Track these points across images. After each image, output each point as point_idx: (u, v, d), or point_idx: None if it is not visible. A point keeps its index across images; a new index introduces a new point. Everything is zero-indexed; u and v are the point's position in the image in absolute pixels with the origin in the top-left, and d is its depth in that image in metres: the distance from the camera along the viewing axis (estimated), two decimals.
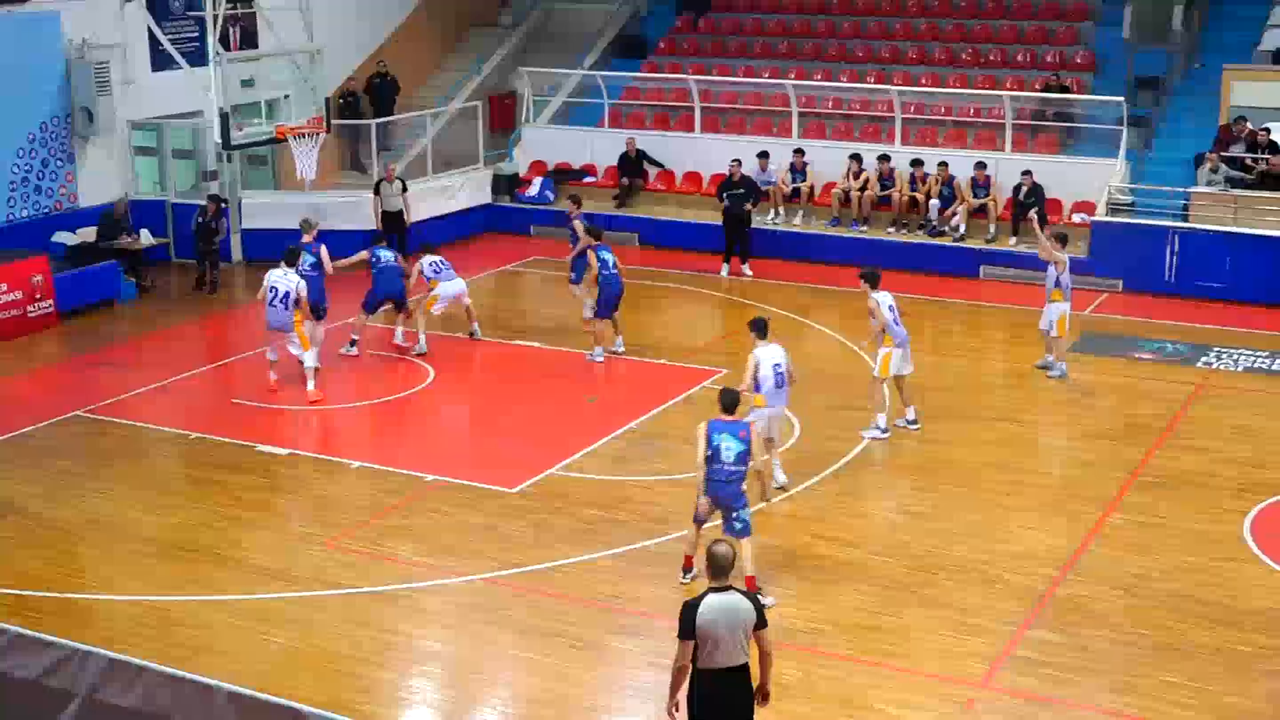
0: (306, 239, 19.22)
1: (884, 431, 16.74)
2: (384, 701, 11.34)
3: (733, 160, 25.08)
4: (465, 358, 20.33)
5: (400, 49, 30.77)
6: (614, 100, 29.82)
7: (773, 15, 31.41)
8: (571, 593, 12.93)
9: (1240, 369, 19.45)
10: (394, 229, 23.81)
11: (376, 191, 24.85)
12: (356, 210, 25.31)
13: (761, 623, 8.92)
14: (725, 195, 24.78)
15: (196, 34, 25.39)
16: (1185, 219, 23.69)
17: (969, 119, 27.01)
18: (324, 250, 19.10)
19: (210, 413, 18.00)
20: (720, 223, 25.05)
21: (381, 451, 16.50)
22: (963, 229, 24.97)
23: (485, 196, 28.49)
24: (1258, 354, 20.03)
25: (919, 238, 25.45)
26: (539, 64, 30.70)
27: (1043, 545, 13.84)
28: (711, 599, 8.84)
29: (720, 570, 8.91)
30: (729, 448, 12.14)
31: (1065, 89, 26.56)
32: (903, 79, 27.97)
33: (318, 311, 18.79)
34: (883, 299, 16.56)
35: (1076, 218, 24.62)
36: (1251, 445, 16.54)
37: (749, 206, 24.84)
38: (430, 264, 20.10)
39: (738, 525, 12.34)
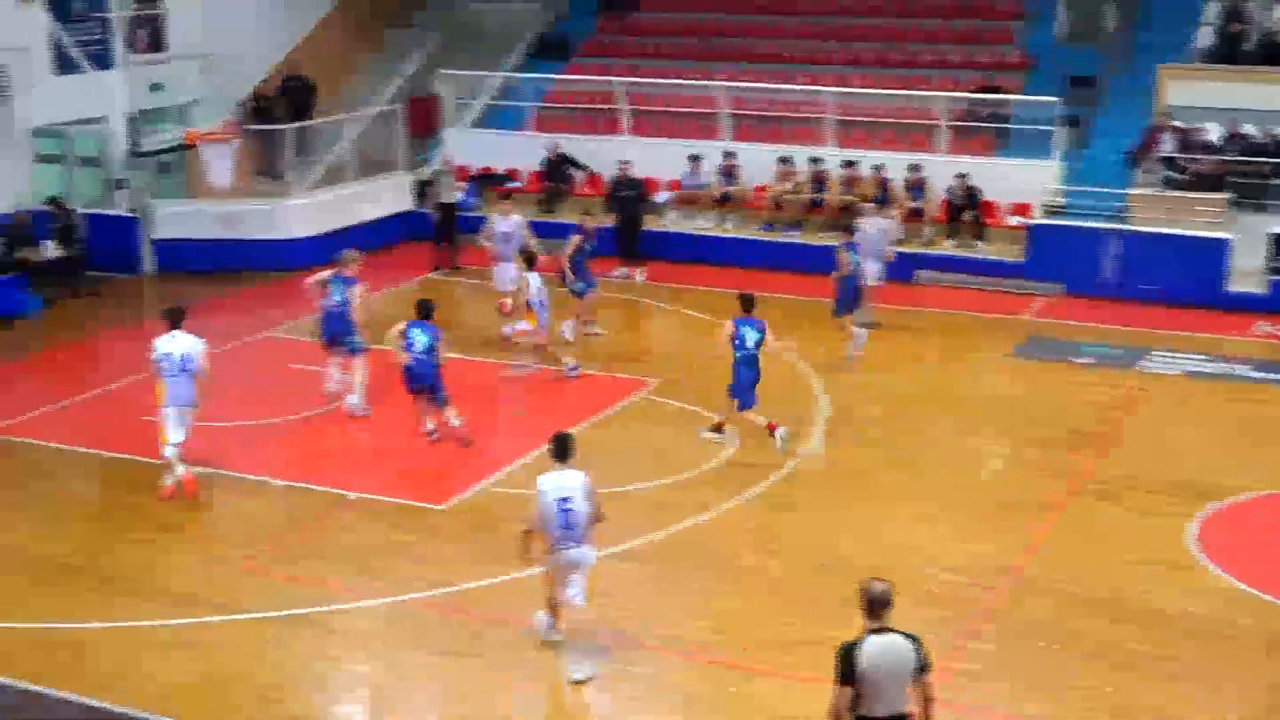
0: (349, 272, 18.04)
1: None
2: None
3: (621, 161, 25.10)
4: (385, 370, 20.10)
5: (314, 52, 30.36)
6: (537, 103, 29.69)
7: (700, 15, 31.37)
8: (494, 612, 12.78)
9: (1179, 372, 19.74)
10: (449, 219, 25.62)
11: (432, 183, 26.20)
12: (270, 219, 25.13)
13: (925, 667, 8.52)
14: (616, 196, 24.73)
15: (101, 36, 25.06)
16: (1120, 219, 24.01)
17: (901, 120, 27.00)
18: (357, 289, 18.00)
19: (124, 431, 17.55)
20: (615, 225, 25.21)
21: (303, 468, 16.33)
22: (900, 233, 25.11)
23: (406, 203, 28.29)
24: (1194, 357, 20.35)
25: None
26: (457, 66, 30.34)
27: (985, 553, 13.99)
28: (873, 640, 8.45)
29: (878, 607, 8.48)
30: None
31: (998, 89, 26.81)
32: (834, 80, 27.95)
33: (351, 346, 18.11)
34: None
35: (1013, 220, 24.88)
36: (1192, 450, 16.77)
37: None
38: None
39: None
